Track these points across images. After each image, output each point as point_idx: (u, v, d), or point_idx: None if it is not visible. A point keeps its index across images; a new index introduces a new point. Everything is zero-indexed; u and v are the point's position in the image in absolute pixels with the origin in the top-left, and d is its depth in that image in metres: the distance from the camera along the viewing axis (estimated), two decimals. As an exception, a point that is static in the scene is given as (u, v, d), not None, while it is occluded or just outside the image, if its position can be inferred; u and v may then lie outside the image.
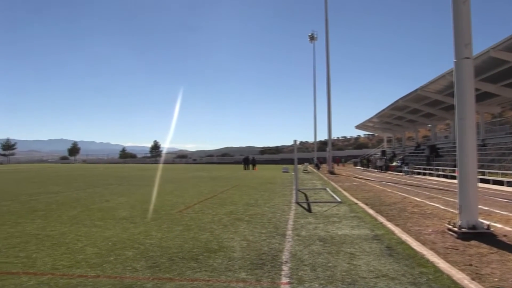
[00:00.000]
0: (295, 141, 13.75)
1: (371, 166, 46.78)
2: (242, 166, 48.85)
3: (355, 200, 12.66)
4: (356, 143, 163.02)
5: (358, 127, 60.95)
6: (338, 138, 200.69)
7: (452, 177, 23.14)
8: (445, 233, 7.23)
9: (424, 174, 29.10)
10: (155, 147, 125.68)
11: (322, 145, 78.82)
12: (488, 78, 22.93)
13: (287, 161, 68.03)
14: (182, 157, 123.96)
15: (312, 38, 59.92)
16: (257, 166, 50.17)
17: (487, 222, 7.30)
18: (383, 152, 48.00)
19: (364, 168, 48.26)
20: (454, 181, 21.29)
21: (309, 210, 10.49)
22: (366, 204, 11.67)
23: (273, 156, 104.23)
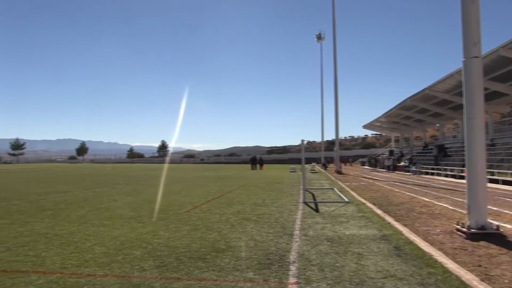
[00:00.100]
0: (302, 141, 13.72)
1: (379, 166, 46.59)
2: (249, 165, 48.86)
3: (363, 200, 12.62)
4: (364, 143, 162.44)
5: (365, 126, 60.70)
6: (345, 137, 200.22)
7: (461, 177, 22.97)
8: (453, 233, 7.18)
9: (432, 174, 28.91)
10: (163, 147, 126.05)
11: (330, 145, 78.68)
12: (497, 77, 22.73)
13: (294, 161, 67.94)
14: (190, 156, 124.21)
15: (319, 37, 59.82)
16: (265, 166, 50.15)
17: (497, 222, 7.24)
18: (390, 152, 47.75)
19: (372, 168, 48.08)
20: (463, 181, 21.15)
21: (316, 210, 10.46)
22: (374, 204, 11.62)
23: (281, 155, 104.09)
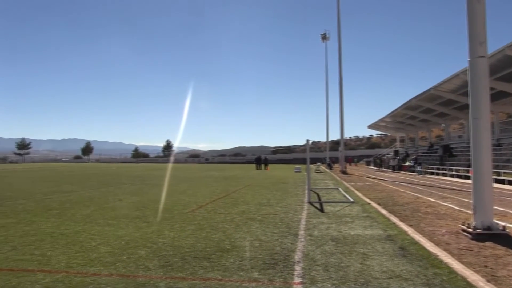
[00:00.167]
0: (307, 140, 13.71)
1: (384, 166, 46.48)
2: (254, 165, 48.85)
3: (368, 200, 12.59)
4: (369, 143, 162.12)
5: (370, 126, 60.59)
6: (350, 137, 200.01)
7: (466, 177, 22.87)
8: (459, 234, 7.16)
9: (438, 174, 28.80)
10: (168, 147, 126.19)
11: (335, 145, 78.56)
12: (503, 77, 22.60)
13: (299, 161, 67.93)
14: (195, 156, 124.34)
15: (324, 37, 59.71)
16: (269, 166, 50.16)
17: (503, 223, 7.21)
18: (396, 152, 47.60)
19: (377, 168, 47.97)
20: (468, 181, 21.05)
21: (321, 210, 10.46)
22: (379, 204, 11.60)
23: (285, 155, 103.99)
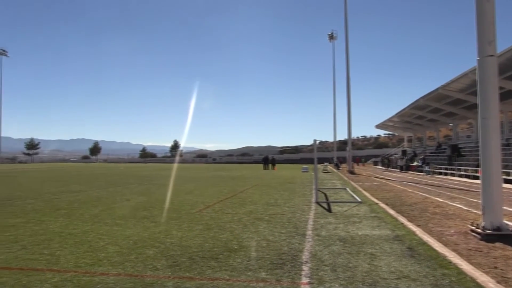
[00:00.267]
0: (314, 140, 13.69)
1: (392, 166, 46.31)
2: (261, 165, 48.86)
3: (376, 200, 12.55)
4: (376, 143, 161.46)
5: (378, 126, 60.31)
6: (358, 137, 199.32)
7: (475, 177, 22.72)
8: (468, 234, 7.11)
9: (446, 174, 28.65)
10: (175, 147, 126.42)
11: (342, 145, 78.36)
12: (513, 76, 22.44)
13: (306, 161, 67.86)
14: (202, 156, 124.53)
15: (331, 37, 59.60)
16: (277, 166, 50.14)
17: (512, 223, 7.16)
18: (403, 152, 47.40)
19: (385, 168, 47.79)
20: (477, 181, 20.92)
21: (329, 210, 10.44)
22: (387, 204, 11.56)
23: (293, 155, 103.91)
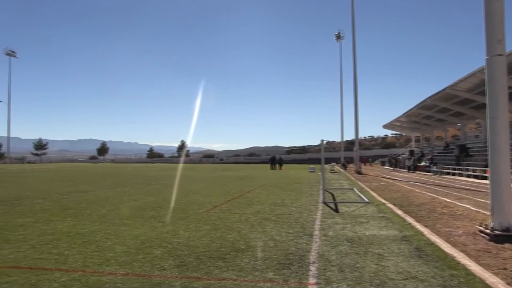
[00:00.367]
0: (322, 140, 13.66)
1: (399, 166, 46.13)
2: (268, 165, 48.86)
3: (383, 201, 12.51)
4: (384, 143, 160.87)
5: (385, 126, 60.07)
6: (365, 137, 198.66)
7: (483, 178, 22.58)
8: (476, 235, 7.07)
9: (454, 174, 28.48)
10: (182, 147, 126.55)
11: (349, 145, 78.21)
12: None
13: (313, 161, 67.73)
14: (209, 156, 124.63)
15: (338, 37, 59.53)
16: (284, 166, 50.10)
17: (521, 224, 7.10)
18: (411, 152, 47.19)
19: (392, 168, 47.61)
20: (485, 181, 20.77)
21: (336, 210, 10.42)
22: (394, 204, 11.51)
23: (300, 155, 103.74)
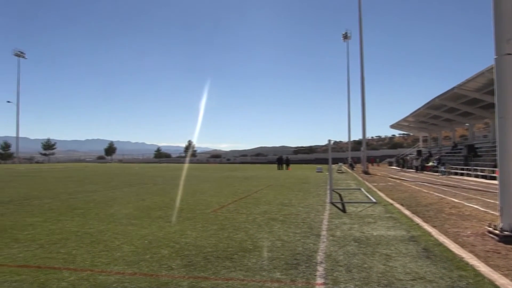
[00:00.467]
0: (329, 141, 13.63)
1: (407, 166, 45.96)
2: (276, 165, 48.85)
3: (391, 201, 12.47)
4: (391, 143, 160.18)
5: (392, 126, 59.85)
6: (372, 137, 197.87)
7: (492, 178, 22.43)
8: (485, 235, 7.02)
9: (462, 174, 28.34)
10: (190, 147, 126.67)
11: (356, 145, 78.02)
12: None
13: (321, 161, 67.56)
14: (216, 157, 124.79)
15: (345, 37, 59.41)
16: (291, 166, 50.07)
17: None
18: (418, 152, 47.01)
19: (400, 168, 47.44)
20: (494, 181, 20.62)
21: (343, 211, 10.39)
22: (402, 204, 11.47)
23: (307, 156, 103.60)
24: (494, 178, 22.22)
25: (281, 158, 50.00)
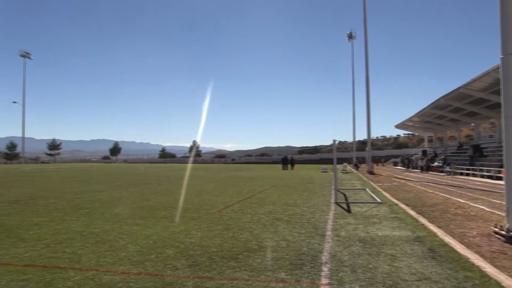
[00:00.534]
0: (334, 140, 13.61)
1: (412, 166, 45.83)
2: (280, 165, 48.81)
3: (396, 201, 12.43)
4: (396, 143, 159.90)
5: (397, 126, 59.66)
6: (377, 137, 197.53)
7: (498, 178, 22.31)
8: (491, 236, 6.99)
9: (467, 174, 28.20)
10: (194, 147, 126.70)
11: (361, 145, 77.75)
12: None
13: (325, 161, 67.46)
14: (221, 157, 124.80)
15: (350, 37, 59.27)
16: (296, 166, 50.03)
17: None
18: (424, 152, 46.82)
19: (405, 168, 47.31)
20: (500, 182, 20.52)
21: (348, 211, 10.37)
22: (407, 205, 11.43)
23: (312, 156, 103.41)
24: (500, 179, 22.11)
25: (286, 158, 49.92)
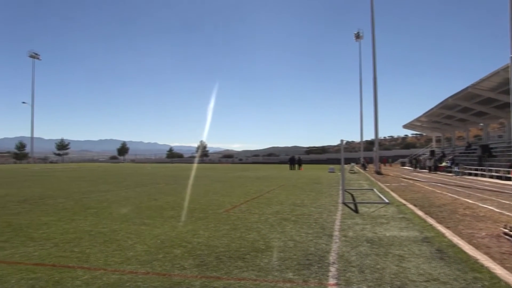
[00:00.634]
0: (341, 140, 13.57)
1: (419, 166, 45.62)
2: (288, 166, 48.79)
3: (403, 201, 12.37)
4: (404, 143, 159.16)
5: (405, 126, 59.43)
6: (385, 137, 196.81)
7: (507, 179, 22.16)
8: (500, 237, 6.94)
9: (476, 175, 28.01)
10: (202, 147, 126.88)
11: (369, 145, 77.53)
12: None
13: (333, 161, 67.29)
14: (228, 157, 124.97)
15: (358, 36, 59.03)
16: (303, 166, 49.97)
17: (547, 226, 6.95)
18: (432, 152, 46.60)
19: (413, 169, 47.10)
20: (510, 182, 20.40)
21: (356, 211, 10.34)
22: (415, 205, 11.38)
23: (319, 156, 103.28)
24: (509, 179, 21.98)
25: (293, 158, 49.91)
